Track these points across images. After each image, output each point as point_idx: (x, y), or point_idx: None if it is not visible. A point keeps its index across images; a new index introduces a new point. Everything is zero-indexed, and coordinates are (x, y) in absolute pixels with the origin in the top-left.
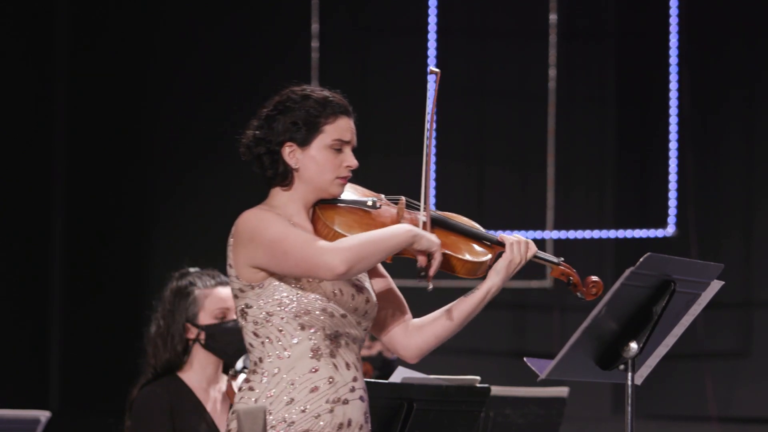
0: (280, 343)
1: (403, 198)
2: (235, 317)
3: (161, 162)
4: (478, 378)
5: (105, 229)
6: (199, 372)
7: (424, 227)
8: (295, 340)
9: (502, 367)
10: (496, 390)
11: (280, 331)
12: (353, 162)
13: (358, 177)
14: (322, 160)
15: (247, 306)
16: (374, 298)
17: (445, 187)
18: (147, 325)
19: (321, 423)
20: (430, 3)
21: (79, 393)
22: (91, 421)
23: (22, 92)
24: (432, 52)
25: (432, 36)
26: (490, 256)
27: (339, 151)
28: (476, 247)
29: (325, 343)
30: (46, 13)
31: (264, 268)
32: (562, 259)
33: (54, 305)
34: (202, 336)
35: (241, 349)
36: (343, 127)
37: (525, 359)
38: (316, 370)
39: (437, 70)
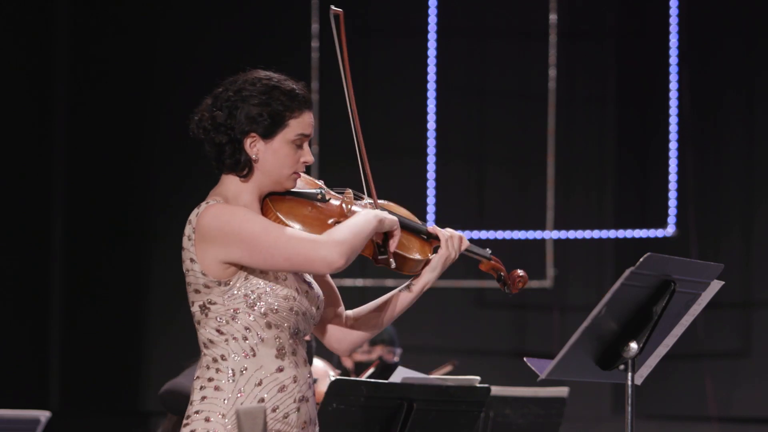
0: (246, 341)
1: (350, 190)
2: None
3: (162, 162)
4: (478, 378)
5: (105, 229)
6: None
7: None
8: (261, 339)
9: (502, 367)
10: (496, 390)
11: (247, 329)
12: (310, 158)
13: (359, 178)
14: (282, 154)
15: (211, 302)
16: (321, 292)
17: (444, 187)
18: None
19: (289, 422)
20: (430, 3)
21: (79, 393)
22: (91, 421)
23: (21, 93)
24: (432, 52)
25: (432, 37)
26: (430, 255)
27: (299, 146)
28: (419, 243)
29: (289, 341)
30: (47, 13)
31: (239, 263)
32: (490, 251)
33: (54, 305)
34: None
35: None
36: (306, 122)
37: (525, 359)
38: (282, 369)
39: (339, 10)
